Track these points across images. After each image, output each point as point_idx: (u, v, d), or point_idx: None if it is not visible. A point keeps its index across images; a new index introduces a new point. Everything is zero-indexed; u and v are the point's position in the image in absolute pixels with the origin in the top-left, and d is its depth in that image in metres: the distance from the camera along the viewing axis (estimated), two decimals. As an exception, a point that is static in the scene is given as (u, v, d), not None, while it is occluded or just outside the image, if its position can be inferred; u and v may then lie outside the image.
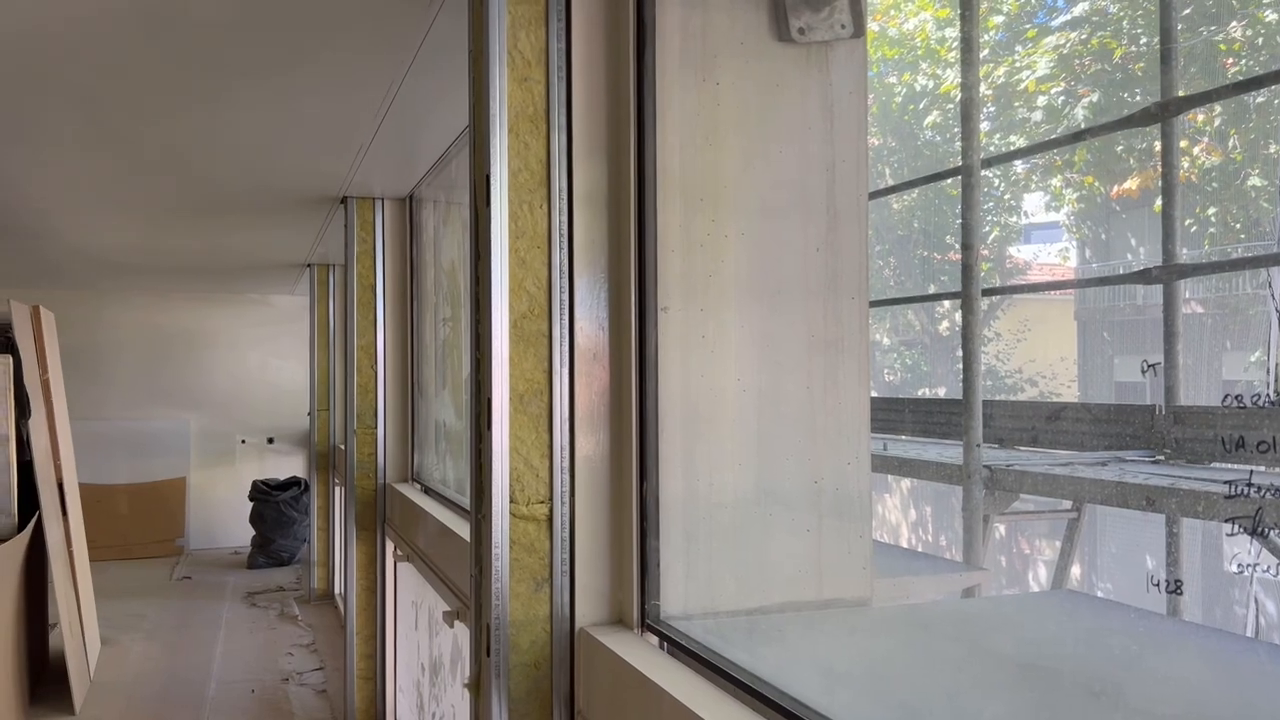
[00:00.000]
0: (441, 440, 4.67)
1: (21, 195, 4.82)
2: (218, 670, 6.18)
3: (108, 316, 10.03)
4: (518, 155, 2.07)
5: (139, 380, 10.18)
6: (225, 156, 4.07)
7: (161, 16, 2.50)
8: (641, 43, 2.04)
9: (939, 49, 12.55)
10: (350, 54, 2.81)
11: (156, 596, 8.23)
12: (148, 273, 8.50)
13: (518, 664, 2.05)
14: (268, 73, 2.97)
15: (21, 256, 7.20)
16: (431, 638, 4.07)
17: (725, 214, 2.08)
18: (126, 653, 6.55)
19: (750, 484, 2.09)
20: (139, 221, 5.69)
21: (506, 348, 2.08)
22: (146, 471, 10.08)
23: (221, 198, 5.00)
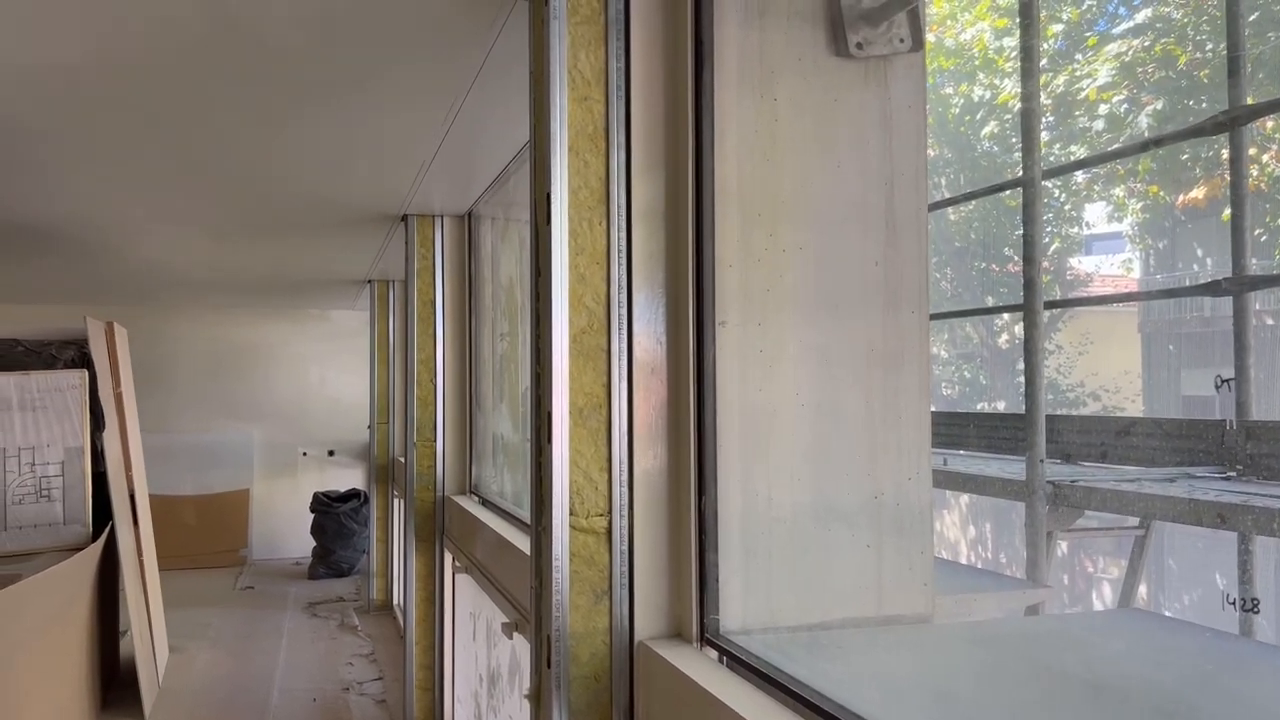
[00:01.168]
0: (499, 453, 4.72)
1: (98, 214, 5.01)
2: (280, 679, 6.31)
3: (175, 331, 10.33)
4: (577, 173, 2.10)
5: (205, 393, 10.46)
6: (291, 176, 4.18)
7: (235, 42, 2.59)
8: (700, 60, 2.07)
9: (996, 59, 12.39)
10: (414, 76, 2.88)
11: (221, 606, 8.42)
12: (214, 288, 8.74)
13: (578, 676, 2.07)
14: (335, 95, 3.05)
15: (96, 273, 7.46)
16: (490, 649, 4.11)
17: (783, 228, 2.09)
18: (193, 660, 6.72)
19: (809, 499, 2.08)
20: (207, 239, 5.86)
21: (566, 362, 2.11)
22: (211, 483, 10.34)
23: (287, 216, 5.13)
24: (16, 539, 5.12)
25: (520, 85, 2.98)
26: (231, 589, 9.14)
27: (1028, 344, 3.12)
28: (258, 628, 7.65)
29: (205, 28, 2.49)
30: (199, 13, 2.39)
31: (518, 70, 2.83)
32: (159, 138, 3.54)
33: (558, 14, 2.05)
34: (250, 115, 3.25)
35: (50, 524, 5.21)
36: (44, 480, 5.22)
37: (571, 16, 2.07)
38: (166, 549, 9.22)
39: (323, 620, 7.90)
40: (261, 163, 3.94)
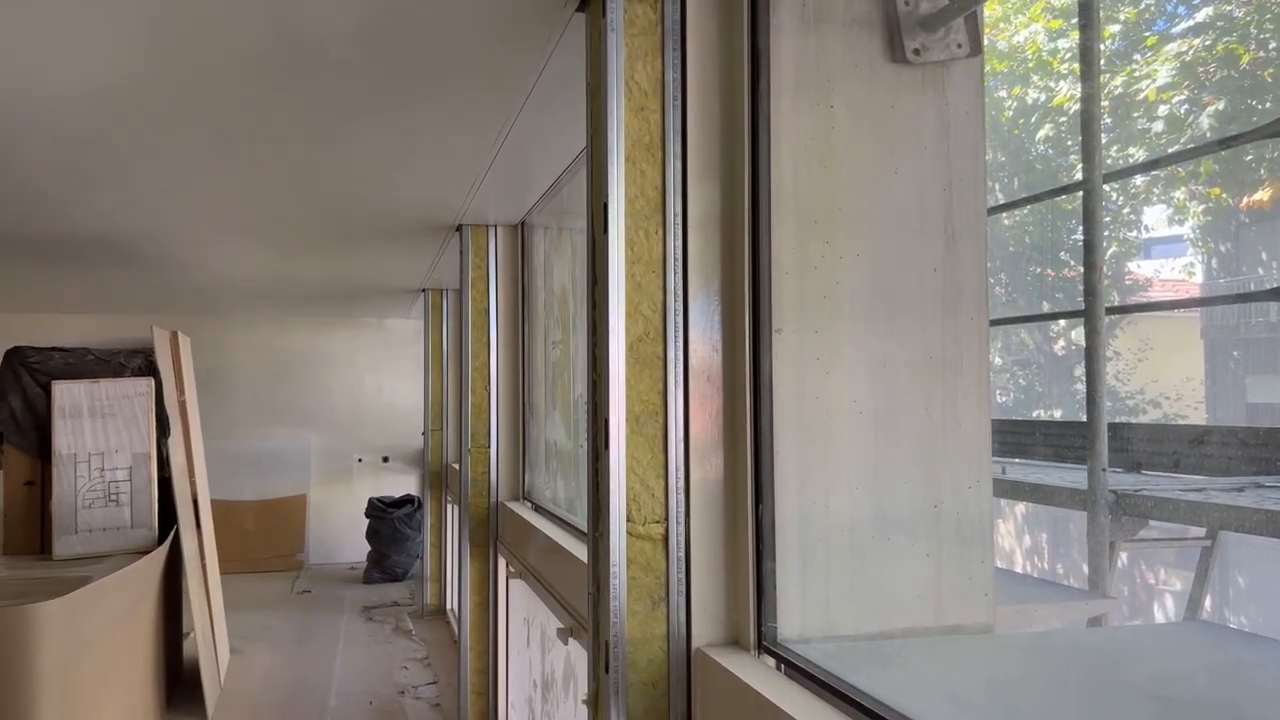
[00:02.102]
0: (552, 459, 4.76)
1: (165, 227, 5.16)
2: (337, 681, 6.41)
3: (235, 340, 10.57)
4: (634, 183, 2.12)
5: (263, 401, 10.69)
6: (350, 188, 4.27)
7: (300, 60, 2.65)
8: (755, 69, 2.07)
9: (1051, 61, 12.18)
10: (471, 89, 2.93)
11: (279, 609, 8.58)
12: (272, 298, 8.94)
13: (635, 682, 2.08)
14: (393, 109, 3.11)
15: (162, 284, 7.67)
16: (544, 654, 4.14)
17: (840, 235, 2.08)
18: (252, 662, 6.86)
19: (867, 507, 2.07)
20: (267, 250, 6.00)
21: (623, 369, 2.13)
22: (270, 488, 10.55)
23: (344, 227, 5.23)
24: (86, 541, 5.28)
25: (574, 96, 3.01)
26: (289, 593, 9.31)
27: (1089, 350, 3.06)
28: (315, 631, 7.78)
29: (270, 45, 2.56)
30: (264, 31, 2.46)
31: (573, 82, 2.85)
32: (224, 153, 3.63)
33: (615, 26, 2.07)
34: (312, 129, 3.33)
35: (118, 527, 5.36)
36: (112, 485, 5.37)
37: (628, 28, 2.09)
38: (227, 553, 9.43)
39: (378, 624, 8.02)
40: (322, 175, 4.03)
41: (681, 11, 2.11)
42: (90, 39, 2.51)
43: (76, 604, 3.93)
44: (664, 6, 2.10)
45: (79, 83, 2.84)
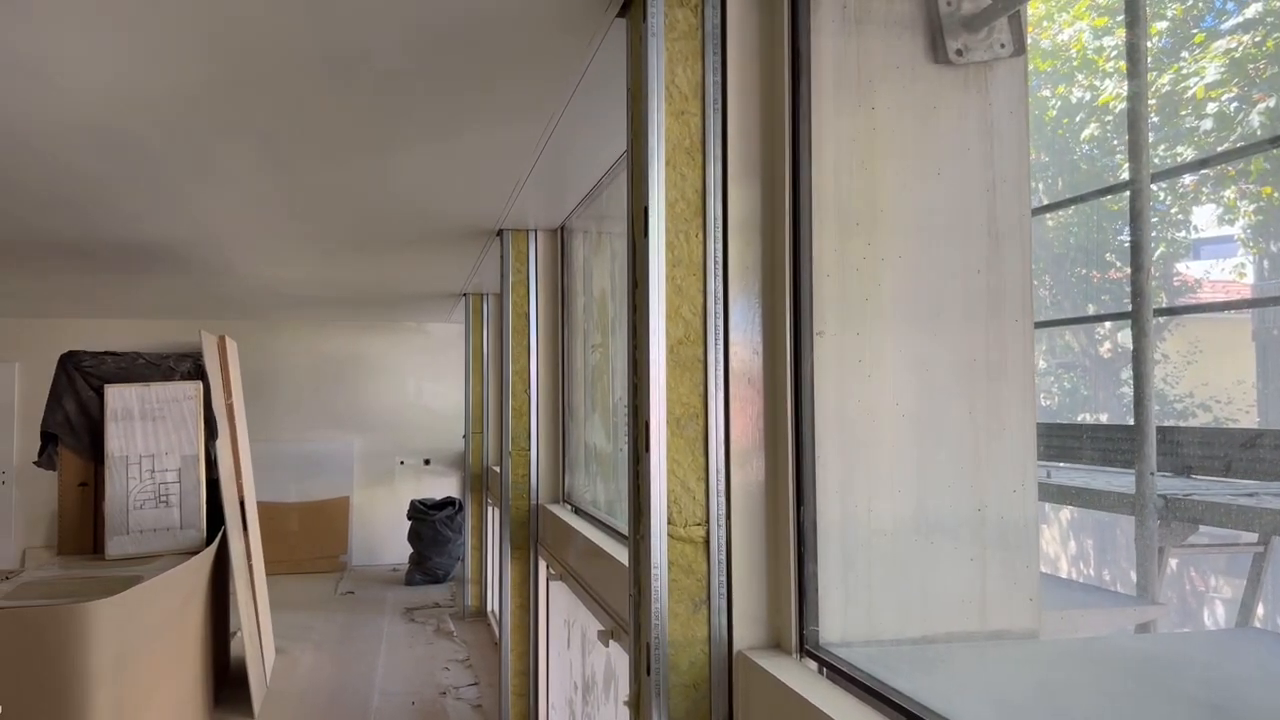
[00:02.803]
0: (591, 462, 4.78)
1: (214, 233, 5.26)
2: (380, 681, 6.48)
3: (281, 344, 10.74)
4: (674, 186, 2.13)
5: (308, 404, 10.84)
6: (393, 194, 4.32)
7: (348, 69, 2.70)
8: (796, 71, 2.07)
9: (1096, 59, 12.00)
10: (513, 95, 2.96)
11: (323, 610, 8.70)
12: (316, 304, 9.07)
13: (677, 684, 2.08)
14: (437, 116, 3.15)
15: (210, 289, 7.82)
16: (584, 656, 4.16)
17: (882, 237, 2.08)
18: (297, 662, 6.95)
19: (910, 511, 2.06)
20: (311, 256, 6.10)
21: (664, 373, 2.13)
22: (314, 491, 10.70)
23: (387, 233, 5.30)
24: (138, 542, 5.39)
25: (614, 101, 3.03)
26: (332, 594, 9.43)
27: (1137, 353, 3.01)
28: (358, 632, 7.87)
29: (319, 55, 2.60)
30: (314, 41, 2.51)
31: (613, 87, 2.88)
32: (272, 160, 3.70)
33: (655, 31, 2.09)
34: (358, 136, 3.38)
35: (168, 528, 5.47)
36: (162, 486, 5.48)
37: (669, 33, 2.10)
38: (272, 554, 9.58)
39: (419, 625, 8.09)
40: (367, 182, 4.08)
41: (722, 15, 2.11)
42: (142, 50, 2.58)
43: (128, 603, 4.01)
44: (704, 10, 2.11)
45: (133, 93, 2.92)
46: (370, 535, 10.87)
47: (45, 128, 3.24)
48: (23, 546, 9.96)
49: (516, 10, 2.35)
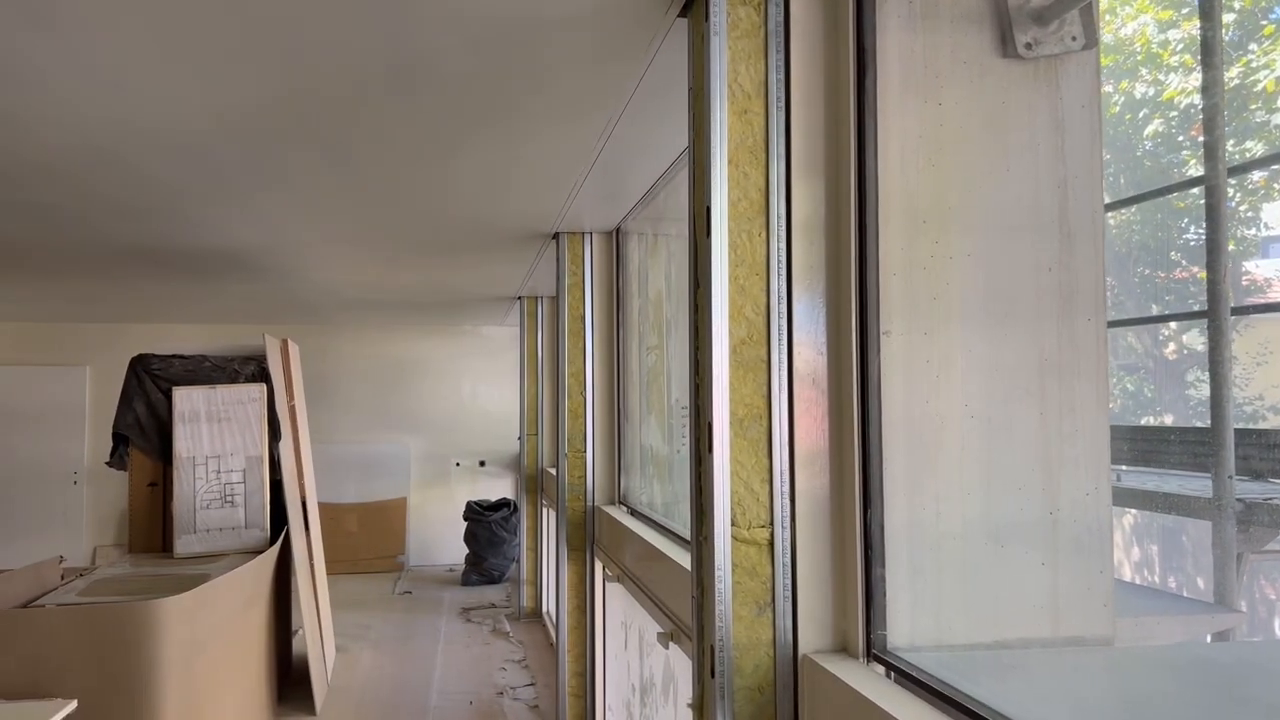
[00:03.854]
0: (647, 464, 4.78)
1: (278, 240, 5.37)
2: (438, 681, 6.55)
3: (340, 348, 10.93)
4: (737, 185, 2.12)
5: (366, 406, 11.01)
6: (454, 198, 4.37)
7: (410, 73, 2.73)
8: (861, 68, 2.05)
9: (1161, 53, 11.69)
10: (572, 97, 2.97)
11: (381, 609, 8.82)
12: (374, 307, 9.21)
13: (741, 687, 2.07)
14: (497, 120, 3.17)
15: (273, 294, 7.99)
16: (642, 658, 4.15)
17: (949, 235, 2.04)
18: (357, 660, 7.06)
19: (979, 514, 2.02)
20: (371, 260, 6.19)
21: (726, 373, 2.12)
22: (372, 491, 10.86)
23: (447, 237, 5.36)
24: (204, 541, 5.52)
25: (673, 102, 3.03)
26: (391, 593, 9.56)
27: (1213, 354, 2.92)
28: (416, 631, 7.97)
29: (384, 62, 2.64)
30: (379, 49, 2.54)
31: (672, 87, 2.87)
32: (335, 167, 3.76)
33: (718, 30, 2.08)
34: (419, 141, 3.42)
35: (233, 527, 5.59)
36: (228, 486, 5.61)
37: (731, 31, 2.09)
38: (331, 554, 9.75)
39: (476, 626, 8.16)
40: (427, 187, 4.13)
41: (785, 13, 2.10)
42: (215, 61, 2.63)
43: (197, 601, 4.11)
44: (767, 8, 2.10)
45: (205, 103, 2.98)
46: (427, 536, 11.01)
47: (123, 138, 3.34)
48: (94, 544, 10.26)
49: (578, 12, 2.35)
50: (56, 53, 2.55)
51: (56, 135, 3.30)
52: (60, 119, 3.12)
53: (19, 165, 3.68)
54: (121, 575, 4.96)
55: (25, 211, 4.54)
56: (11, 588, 4.30)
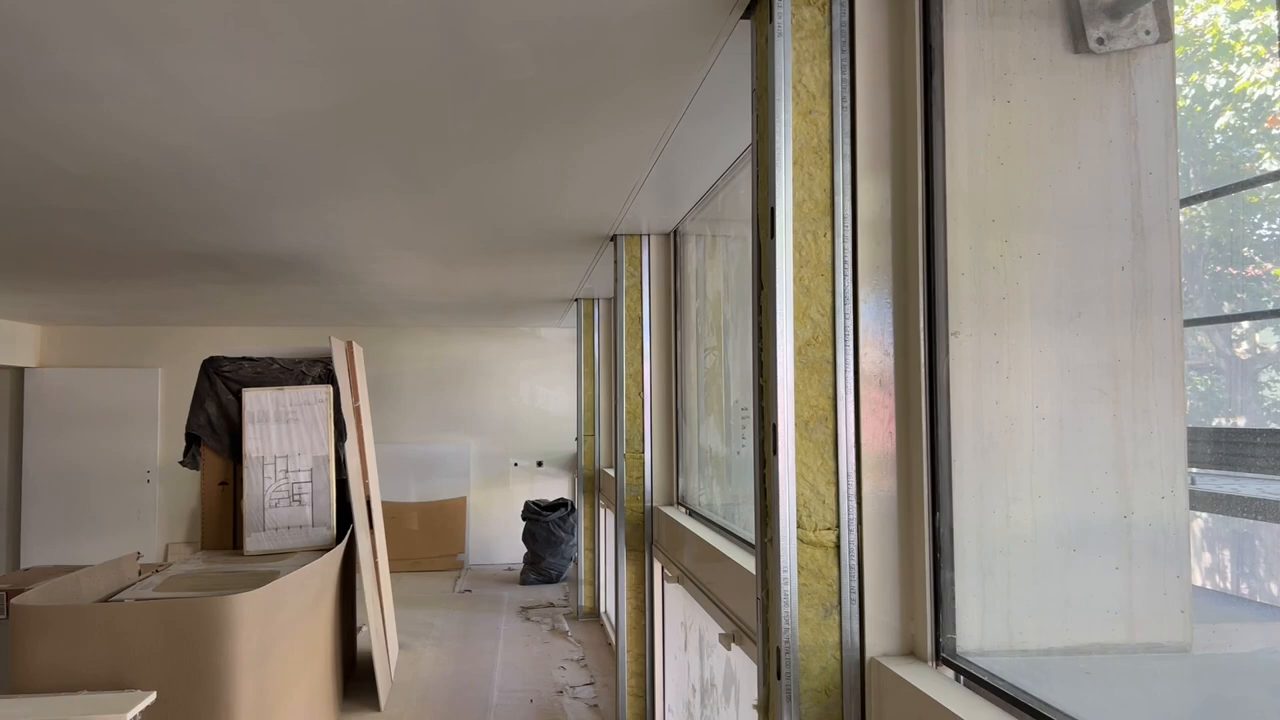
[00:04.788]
0: (706, 465, 4.78)
1: (341, 244, 5.48)
2: (498, 678, 6.62)
3: (401, 350, 11.11)
4: (802, 186, 2.11)
5: (426, 407, 11.18)
6: (513, 202, 4.42)
7: (473, 79, 2.77)
8: (928, 66, 2.03)
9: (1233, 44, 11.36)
10: (633, 101, 2.99)
11: (442, 607, 8.94)
12: (434, 310, 9.35)
13: (808, 689, 2.06)
14: (558, 123, 3.21)
15: (337, 298, 8.15)
16: (703, 659, 4.15)
17: (1019, 234, 2.01)
18: (419, 657, 7.17)
19: (1051, 516, 1.99)
20: (432, 264, 6.29)
21: (791, 375, 2.12)
22: (432, 491, 11.02)
23: (504, 240, 5.42)
24: (273, 539, 5.65)
25: (733, 103, 3.03)
26: (451, 591, 9.68)
27: (1294, 352, 2.83)
28: (476, 629, 8.07)
29: (446, 67, 2.68)
30: (442, 54, 2.58)
31: (733, 88, 2.87)
32: (398, 171, 3.83)
33: (782, 31, 2.07)
34: (480, 145, 3.47)
35: (301, 526, 5.72)
36: (295, 486, 5.74)
37: (796, 32, 2.08)
38: (392, 552, 9.92)
39: (535, 624, 8.24)
40: (487, 190, 4.19)
41: (850, 12, 2.09)
42: (283, 68, 2.70)
43: (269, 597, 4.21)
44: (832, 8, 2.09)
45: (273, 111, 3.06)
46: (486, 535, 11.14)
47: (194, 146, 3.44)
48: (166, 541, 10.57)
49: (641, 15, 2.37)
50: (134, 64, 2.64)
51: (132, 144, 3.41)
52: (136, 128, 3.23)
53: (96, 173, 3.82)
54: (195, 571, 5.11)
55: (102, 218, 4.70)
56: (93, 582, 4.45)
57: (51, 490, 10.31)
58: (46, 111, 3.03)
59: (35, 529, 10.27)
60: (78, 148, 3.45)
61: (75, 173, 3.80)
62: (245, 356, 6.12)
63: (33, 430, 10.33)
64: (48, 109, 3.01)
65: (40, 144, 3.39)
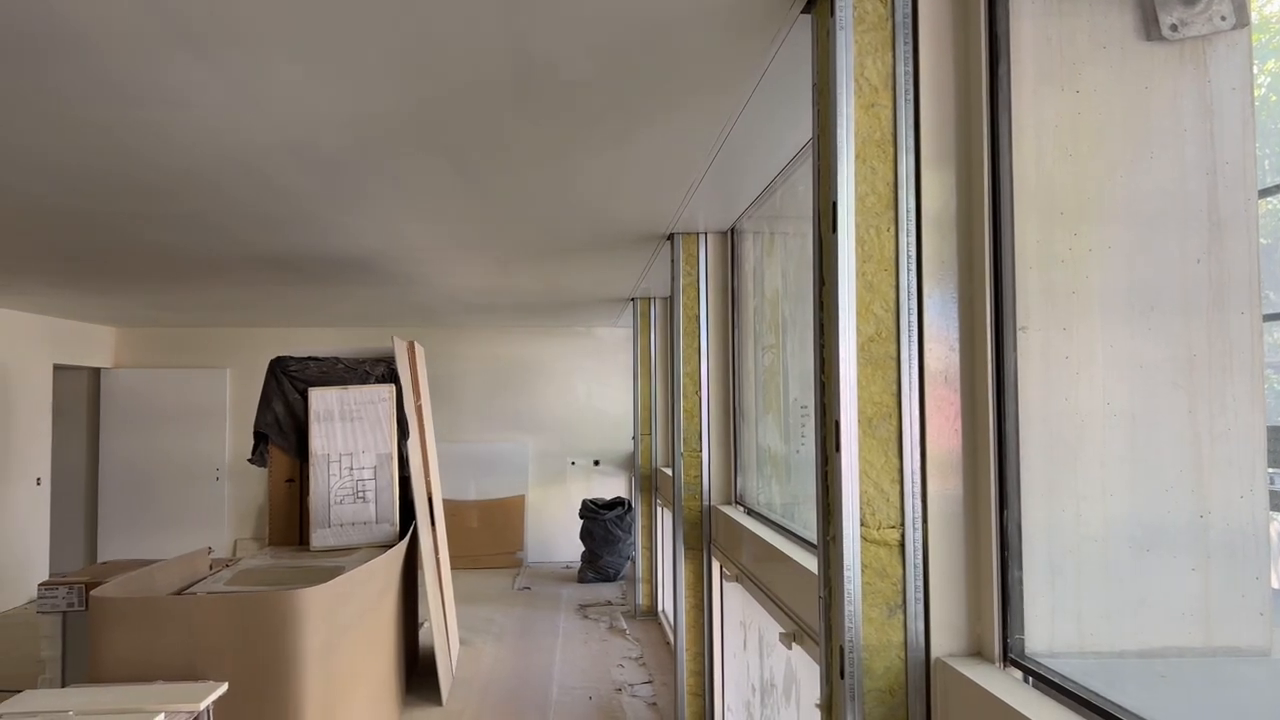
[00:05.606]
0: (765, 464, 4.75)
1: (402, 246, 5.57)
2: (558, 675, 6.67)
3: (460, 349, 11.26)
4: (864, 180, 2.09)
5: (485, 406, 11.31)
6: (570, 203, 4.45)
7: (532, 80, 2.80)
8: (994, 57, 2.00)
9: (1312, 28, 10.97)
10: (692, 98, 2.99)
11: (501, 604, 9.03)
12: (492, 310, 9.45)
13: (872, 689, 2.04)
14: (616, 122, 3.22)
15: (398, 298, 8.29)
16: (763, 658, 4.14)
17: (1088, 227, 1.97)
18: (480, 653, 7.25)
19: (1123, 516, 1.94)
20: (491, 264, 6.36)
21: (854, 371, 2.10)
22: (491, 489, 11.14)
23: (562, 240, 5.46)
24: (338, 535, 5.77)
25: (792, 98, 3.01)
26: (510, 588, 9.78)
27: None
28: (535, 626, 8.13)
29: (508, 69, 2.71)
30: (505, 55, 2.61)
31: (792, 84, 2.86)
32: (458, 173, 3.89)
33: (844, 24, 2.06)
34: (540, 146, 3.50)
35: (365, 522, 5.83)
36: (360, 483, 5.85)
37: (858, 25, 2.07)
38: (452, 549, 10.05)
39: (593, 622, 8.28)
40: (546, 191, 4.22)
41: (913, 3, 2.06)
42: (346, 74, 2.76)
43: (335, 592, 4.30)
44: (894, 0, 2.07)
45: (336, 115, 3.13)
46: (544, 533, 11.22)
47: (260, 151, 3.53)
48: (234, 537, 10.85)
49: (701, 12, 2.37)
50: (206, 73, 2.72)
51: (202, 150, 3.51)
52: (206, 134, 3.32)
53: (169, 179, 3.94)
54: (263, 566, 5.23)
55: (173, 222, 4.85)
56: (167, 576, 4.59)
57: (125, 487, 10.65)
58: (125, 121, 3.14)
59: (110, 524, 10.62)
60: (154, 155, 3.56)
61: (151, 179, 3.93)
62: (311, 356, 6.26)
63: (108, 429, 10.68)
64: (126, 118, 3.11)
65: (118, 152, 3.51)
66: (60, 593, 4.74)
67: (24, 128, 3.23)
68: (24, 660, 6.92)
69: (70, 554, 10.55)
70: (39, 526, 9.47)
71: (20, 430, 9.19)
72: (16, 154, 3.56)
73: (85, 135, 3.32)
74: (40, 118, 3.12)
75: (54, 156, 3.59)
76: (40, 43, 2.50)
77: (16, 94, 2.89)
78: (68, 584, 4.76)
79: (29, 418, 9.34)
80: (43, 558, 9.51)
